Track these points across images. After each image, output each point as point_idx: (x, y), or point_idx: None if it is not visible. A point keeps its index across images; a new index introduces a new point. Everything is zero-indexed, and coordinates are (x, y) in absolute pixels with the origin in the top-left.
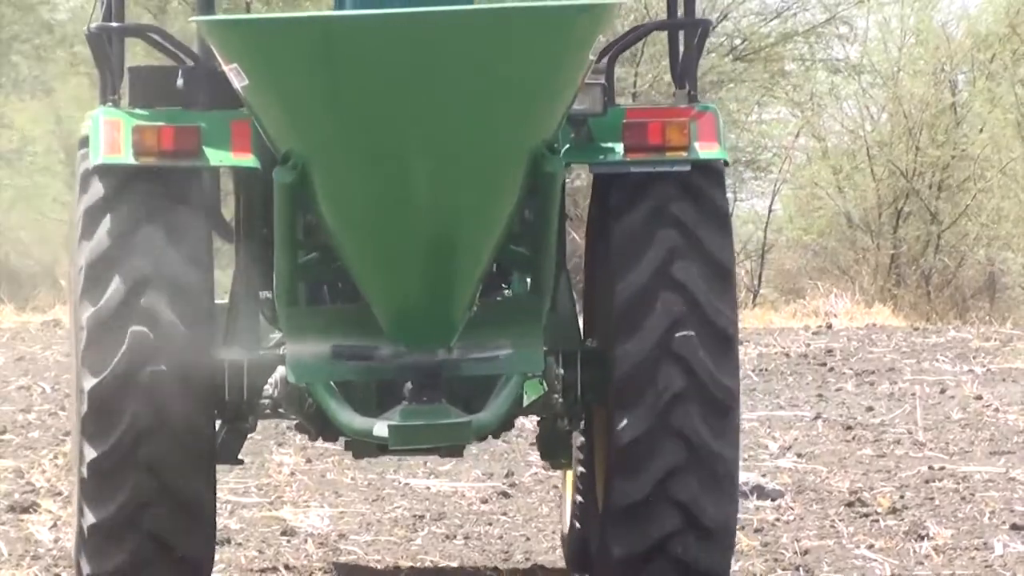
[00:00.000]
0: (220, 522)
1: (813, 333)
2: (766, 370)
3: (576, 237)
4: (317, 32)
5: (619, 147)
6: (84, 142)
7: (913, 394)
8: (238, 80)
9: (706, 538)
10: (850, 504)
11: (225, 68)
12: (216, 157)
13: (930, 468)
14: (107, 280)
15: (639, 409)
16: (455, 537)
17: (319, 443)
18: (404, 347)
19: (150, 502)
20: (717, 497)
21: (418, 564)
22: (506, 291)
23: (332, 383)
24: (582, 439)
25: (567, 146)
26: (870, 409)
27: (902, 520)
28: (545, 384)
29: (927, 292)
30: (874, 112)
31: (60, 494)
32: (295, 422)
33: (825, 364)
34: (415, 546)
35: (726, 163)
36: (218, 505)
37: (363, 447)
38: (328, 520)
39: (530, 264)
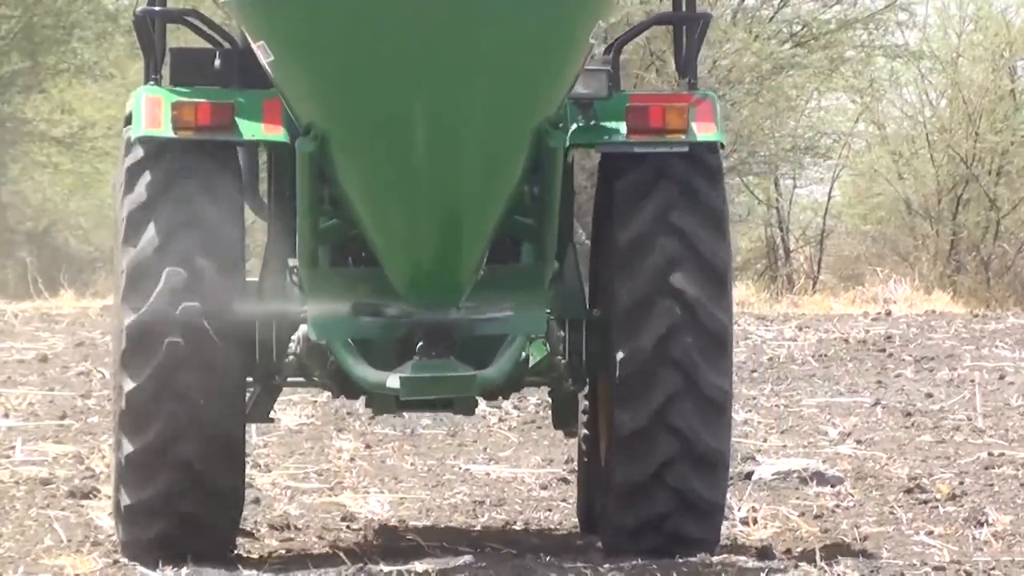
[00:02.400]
0: (280, 508)
1: (872, 319)
2: (825, 356)
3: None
4: (334, 11)
5: (622, 129)
6: (129, 119)
7: (972, 381)
8: (264, 56)
9: (702, 464)
10: (909, 491)
11: (253, 45)
12: (249, 131)
13: (989, 455)
14: (144, 226)
15: (639, 343)
16: (515, 523)
17: (379, 429)
18: (415, 307)
19: (183, 432)
20: (712, 426)
21: (478, 550)
22: (514, 259)
23: (350, 340)
24: (587, 406)
25: (574, 127)
26: (929, 396)
27: (961, 507)
28: (548, 346)
29: (986, 279)
30: (933, 98)
31: None
32: (317, 381)
33: (884, 351)
34: (475, 532)
35: (722, 145)
36: (278, 492)
37: (382, 403)
38: (388, 506)
39: (535, 233)
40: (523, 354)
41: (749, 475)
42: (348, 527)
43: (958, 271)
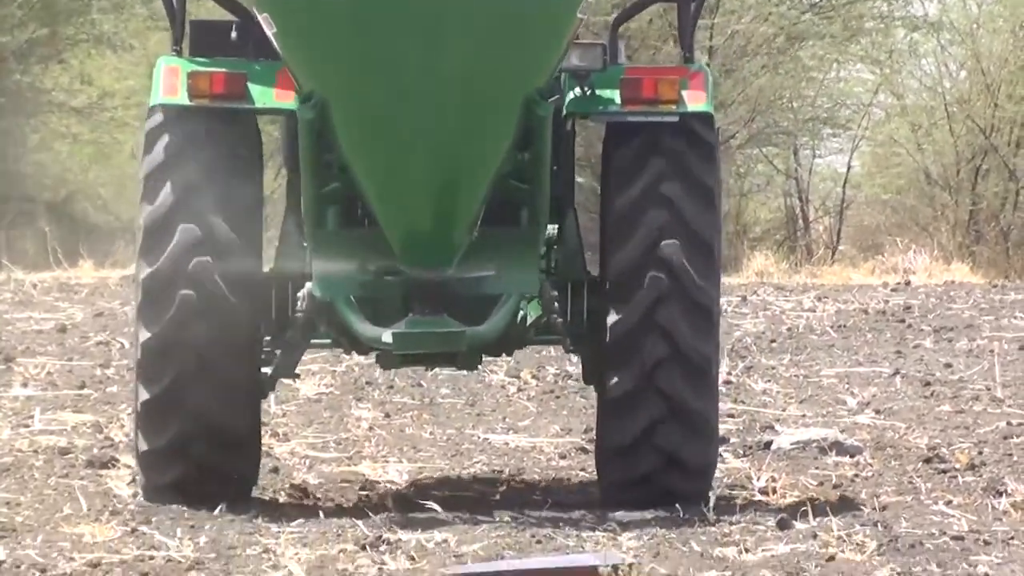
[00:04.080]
0: (299, 477)
1: (892, 290)
2: (844, 327)
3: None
4: None
5: (616, 99)
6: None
7: (991, 351)
8: (268, 27)
9: (688, 426)
10: (928, 460)
11: (259, 17)
12: (261, 99)
13: (1008, 424)
14: (162, 185)
15: (627, 309)
16: (534, 493)
17: (397, 398)
18: (410, 266)
19: (195, 380)
20: (697, 389)
21: (497, 519)
22: (509, 222)
23: (352, 298)
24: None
25: (571, 96)
26: (948, 366)
27: (980, 476)
28: (541, 305)
29: (1005, 249)
30: (953, 69)
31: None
32: (329, 342)
33: (903, 321)
34: (493, 501)
35: (711, 117)
36: (297, 461)
37: (388, 358)
38: (406, 475)
39: (528, 197)
40: (520, 314)
41: (768, 445)
42: (367, 496)
43: (977, 241)
